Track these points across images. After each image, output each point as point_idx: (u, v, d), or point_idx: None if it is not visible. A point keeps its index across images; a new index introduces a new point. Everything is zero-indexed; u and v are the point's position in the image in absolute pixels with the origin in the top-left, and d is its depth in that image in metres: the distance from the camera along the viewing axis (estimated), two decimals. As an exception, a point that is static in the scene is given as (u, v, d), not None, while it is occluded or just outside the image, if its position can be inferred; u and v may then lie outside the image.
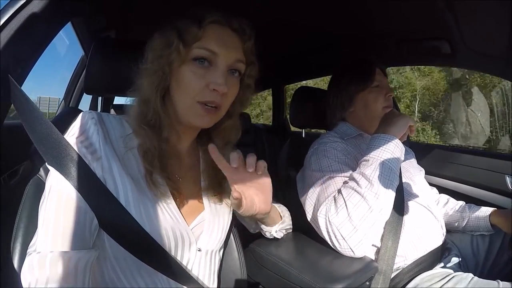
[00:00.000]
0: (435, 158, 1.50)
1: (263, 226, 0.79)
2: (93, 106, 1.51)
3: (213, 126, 0.62)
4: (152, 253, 0.53)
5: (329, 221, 0.77)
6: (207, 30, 0.55)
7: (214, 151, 0.56)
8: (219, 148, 0.61)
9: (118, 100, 1.44)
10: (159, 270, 0.54)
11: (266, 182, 0.61)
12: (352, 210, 0.74)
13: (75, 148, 0.50)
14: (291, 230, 0.85)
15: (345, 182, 0.82)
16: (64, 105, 1.51)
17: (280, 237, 0.82)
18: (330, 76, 1.20)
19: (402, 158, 0.82)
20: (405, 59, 1.40)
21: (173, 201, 0.58)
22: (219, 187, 0.66)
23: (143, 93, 0.56)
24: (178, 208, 0.58)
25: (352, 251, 0.75)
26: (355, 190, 0.77)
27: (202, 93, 0.54)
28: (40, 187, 0.59)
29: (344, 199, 0.77)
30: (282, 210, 0.81)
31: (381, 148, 0.80)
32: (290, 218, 0.83)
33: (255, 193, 0.61)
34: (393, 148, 0.80)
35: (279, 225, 0.79)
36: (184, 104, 0.56)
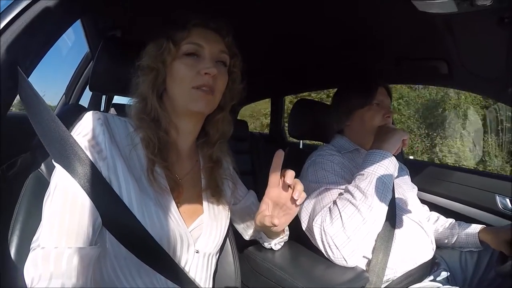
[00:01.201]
0: (429, 175, 1.53)
1: (263, 236, 0.80)
2: (93, 103, 1.51)
3: (208, 120, 0.68)
4: (152, 253, 0.53)
5: (324, 231, 0.78)
6: (192, 31, 0.62)
7: (280, 155, 0.60)
8: (214, 141, 0.68)
9: (118, 100, 1.45)
10: (157, 270, 0.54)
11: (294, 212, 0.66)
12: (346, 221, 0.76)
13: (82, 146, 0.51)
14: (287, 239, 0.86)
15: (341, 194, 0.84)
16: (65, 100, 1.50)
17: (277, 249, 0.83)
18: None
19: (396, 174, 0.84)
20: (403, 77, 1.43)
21: (173, 202, 0.59)
22: (216, 186, 0.68)
23: (141, 91, 0.61)
24: (178, 210, 0.59)
25: (345, 260, 0.76)
26: (350, 202, 0.78)
27: (196, 79, 0.59)
28: (40, 182, 0.59)
29: (339, 210, 0.78)
30: None
31: (376, 163, 0.82)
32: (288, 230, 0.84)
33: (281, 214, 0.65)
34: (388, 164, 0.82)
35: (279, 239, 0.80)
36: (181, 92, 0.60)
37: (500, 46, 0.83)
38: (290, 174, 0.59)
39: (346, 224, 0.76)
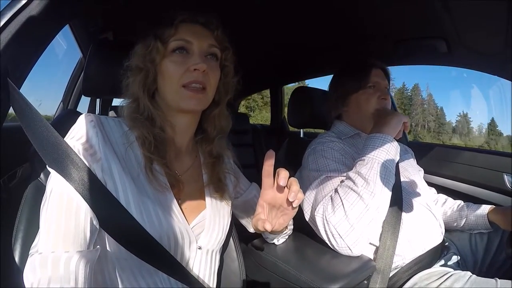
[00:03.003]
0: (434, 156, 1.51)
1: (267, 234, 0.80)
2: (92, 108, 1.51)
3: (204, 116, 0.68)
4: (153, 252, 0.53)
5: (326, 220, 0.77)
6: (179, 28, 0.61)
7: (271, 156, 0.57)
8: (212, 138, 0.68)
9: (117, 102, 1.44)
10: (159, 269, 0.54)
11: (293, 212, 0.63)
12: (348, 209, 0.75)
13: (75, 150, 0.50)
14: (290, 233, 0.86)
15: (342, 181, 0.83)
16: (63, 107, 1.51)
17: (280, 243, 0.82)
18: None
19: (398, 157, 0.83)
20: (402, 59, 1.40)
21: (174, 199, 0.58)
22: (219, 181, 0.67)
23: (132, 91, 0.61)
24: (180, 206, 0.59)
25: (350, 249, 0.75)
26: (352, 189, 0.77)
27: (185, 76, 0.59)
28: (40, 190, 0.59)
29: (340, 198, 0.77)
30: None
31: (376, 147, 0.81)
32: (292, 223, 0.83)
33: (278, 215, 0.63)
34: (388, 148, 0.81)
35: (283, 234, 0.80)
36: (171, 91, 0.60)
37: (500, 20, 0.81)
38: (283, 175, 0.54)
39: (349, 212, 0.75)
